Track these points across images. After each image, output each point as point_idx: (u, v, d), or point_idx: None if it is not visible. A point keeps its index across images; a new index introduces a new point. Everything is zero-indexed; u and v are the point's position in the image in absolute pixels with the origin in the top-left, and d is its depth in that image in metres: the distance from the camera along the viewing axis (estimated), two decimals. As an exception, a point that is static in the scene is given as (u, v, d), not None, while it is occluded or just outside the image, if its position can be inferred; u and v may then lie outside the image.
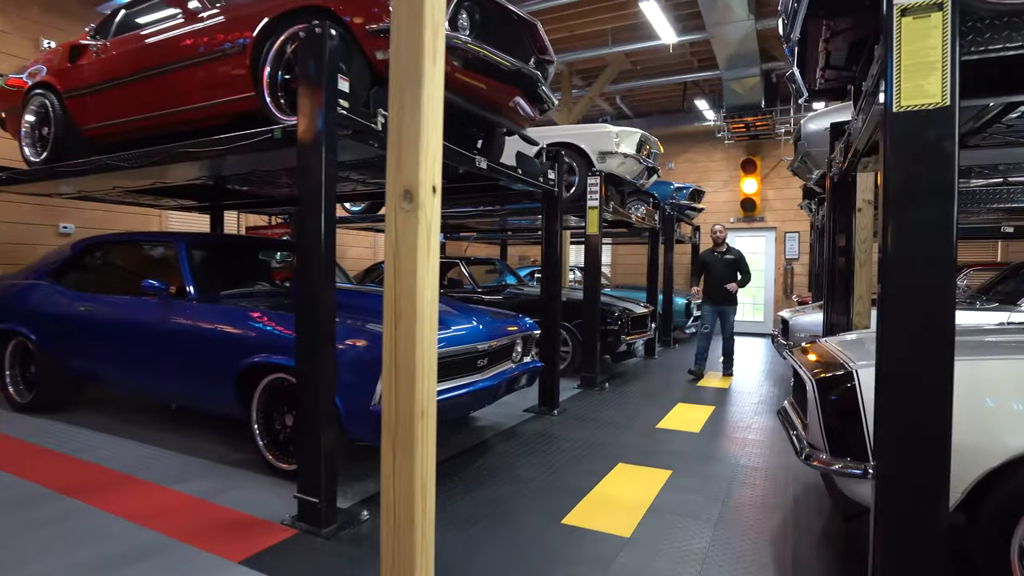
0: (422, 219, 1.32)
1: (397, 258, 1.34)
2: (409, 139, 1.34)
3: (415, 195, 1.31)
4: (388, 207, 1.38)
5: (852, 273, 4.33)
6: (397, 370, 1.35)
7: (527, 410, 5.26)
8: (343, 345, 3.18)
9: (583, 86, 10.74)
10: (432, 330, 1.39)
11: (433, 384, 1.41)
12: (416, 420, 1.33)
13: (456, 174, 4.45)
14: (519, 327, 4.49)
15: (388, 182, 1.37)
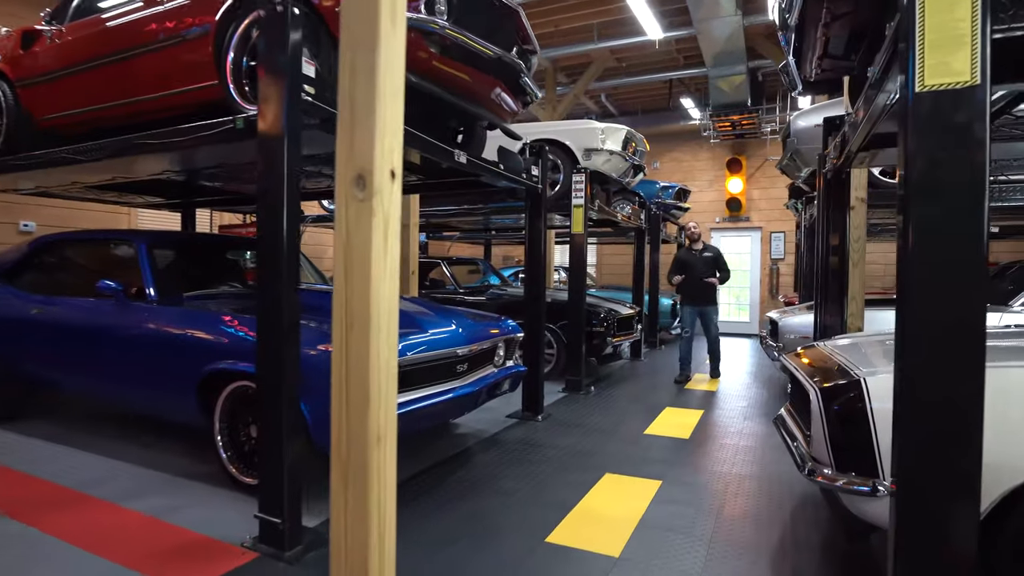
0: (378, 210, 1.11)
1: (348, 256, 1.13)
2: (362, 113, 1.13)
3: (369, 181, 1.10)
4: (338, 196, 1.17)
5: (846, 273, 4.18)
6: (348, 389, 1.14)
7: (510, 415, 5.06)
8: (312, 350, 2.96)
9: (568, 83, 10.56)
10: (391, 341, 1.18)
11: (392, 404, 1.20)
12: (371, 448, 1.12)
13: (437, 170, 4.25)
14: (501, 330, 4.29)
15: (338, 166, 1.17)
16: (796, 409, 2.70)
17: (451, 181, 4.59)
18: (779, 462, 3.93)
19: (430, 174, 4.45)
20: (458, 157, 3.75)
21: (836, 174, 4.10)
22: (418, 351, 3.26)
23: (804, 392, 2.41)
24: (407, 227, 6.09)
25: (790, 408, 2.86)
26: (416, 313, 3.81)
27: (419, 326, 3.50)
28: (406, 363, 3.14)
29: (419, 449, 4.06)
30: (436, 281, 8.03)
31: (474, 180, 4.47)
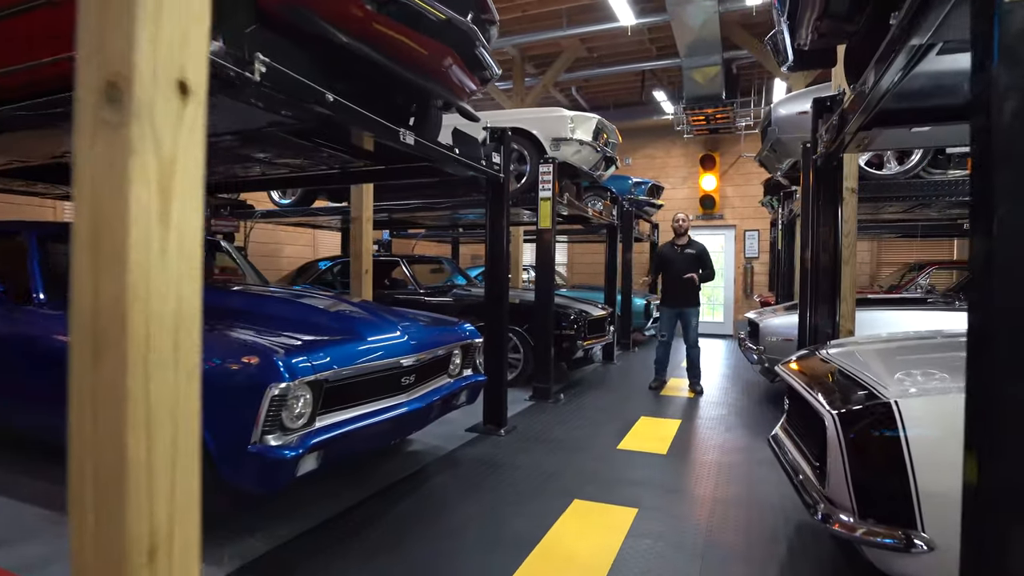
0: (142, 143, 0.62)
1: (95, 224, 0.64)
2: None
3: (127, 92, 0.61)
4: (77, 119, 0.66)
5: (838, 270, 3.79)
6: (95, 467, 0.64)
7: (471, 429, 4.56)
8: (218, 364, 2.43)
9: (536, 74, 10.11)
10: (190, 378, 0.69)
11: (193, 486, 0.70)
12: (136, 568, 0.62)
13: (389, 154, 3.75)
14: (458, 335, 3.79)
15: (78, 69, 0.66)
16: (798, 431, 2.26)
17: (402, 168, 4.07)
18: (768, 482, 3.51)
19: (380, 158, 3.93)
20: (404, 137, 3.24)
21: (827, 161, 3.71)
22: (351, 363, 2.74)
23: (809, 412, 1.98)
24: (359, 220, 5.55)
25: (788, 428, 2.42)
26: (356, 317, 3.29)
27: (355, 332, 2.98)
28: (334, 378, 2.62)
29: (362, 472, 3.54)
30: (398, 281, 7.49)
31: (427, 167, 3.96)
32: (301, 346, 2.60)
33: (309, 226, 9.44)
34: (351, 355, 2.78)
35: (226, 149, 3.58)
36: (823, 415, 1.75)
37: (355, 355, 2.80)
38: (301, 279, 7.95)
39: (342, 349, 2.78)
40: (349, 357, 2.76)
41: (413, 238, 12.02)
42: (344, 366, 2.69)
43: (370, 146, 3.58)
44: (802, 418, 2.19)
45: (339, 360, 2.69)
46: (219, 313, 3.20)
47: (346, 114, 2.79)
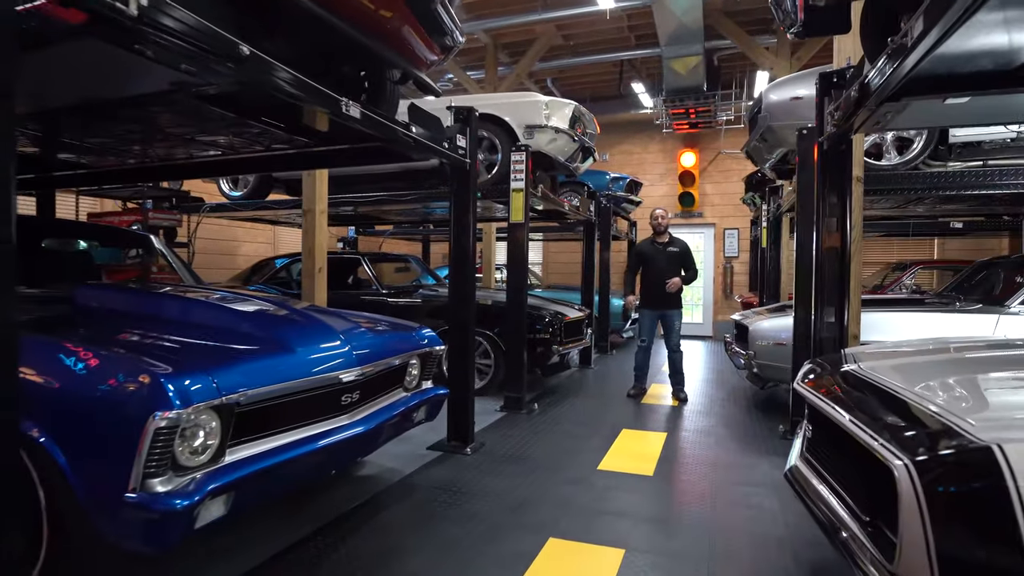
0: None
1: None
2: None
3: None
4: None
5: (846, 268, 3.36)
6: None
7: (433, 447, 4.04)
8: (87, 387, 1.88)
9: (510, 63, 9.61)
10: None
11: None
12: None
13: (340, 134, 3.23)
14: (414, 342, 3.28)
15: None
16: (831, 468, 1.79)
17: (351, 150, 3.53)
18: (768, 509, 3.06)
19: (324, 138, 3.39)
20: (346, 108, 2.71)
21: (836, 143, 3.28)
22: (273, 381, 2.20)
23: (853, 450, 1.51)
24: (312, 213, 5.00)
25: (813, 461, 1.96)
26: (289, 324, 2.76)
27: (284, 343, 2.44)
28: (249, 400, 2.09)
29: (299, 503, 3.00)
30: (363, 281, 6.91)
31: (381, 149, 3.44)
32: (205, 362, 2.06)
33: (267, 221, 8.80)
34: (274, 371, 2.25)
35: (132, 120, 3.01)
36: (889, 463, 1.28)
37: (279, 371, 2.27)
38: (256, 278, 7.34)
39: (262, 364, 2.24)
40: (271, 374, 2.22)
41: (381, 235, 11.45)
42: (263, 385, 2.15)
43: (312, 122, 3.03)
44: (837, 452, 1.73)
45: (257, 378, 2.15)
46: (117, 320, 2.64)
47: (267, 74, 2.25)
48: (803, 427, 2.54)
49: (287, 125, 3.05)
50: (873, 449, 1.36)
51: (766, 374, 5.28)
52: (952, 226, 8.26)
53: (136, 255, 4.57)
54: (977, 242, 10.68)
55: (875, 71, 2.37)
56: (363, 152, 3.64)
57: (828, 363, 2.34)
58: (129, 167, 3.97)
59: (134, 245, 4.27)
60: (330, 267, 6.99)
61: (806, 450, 2.06)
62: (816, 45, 7.88)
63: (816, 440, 1.94)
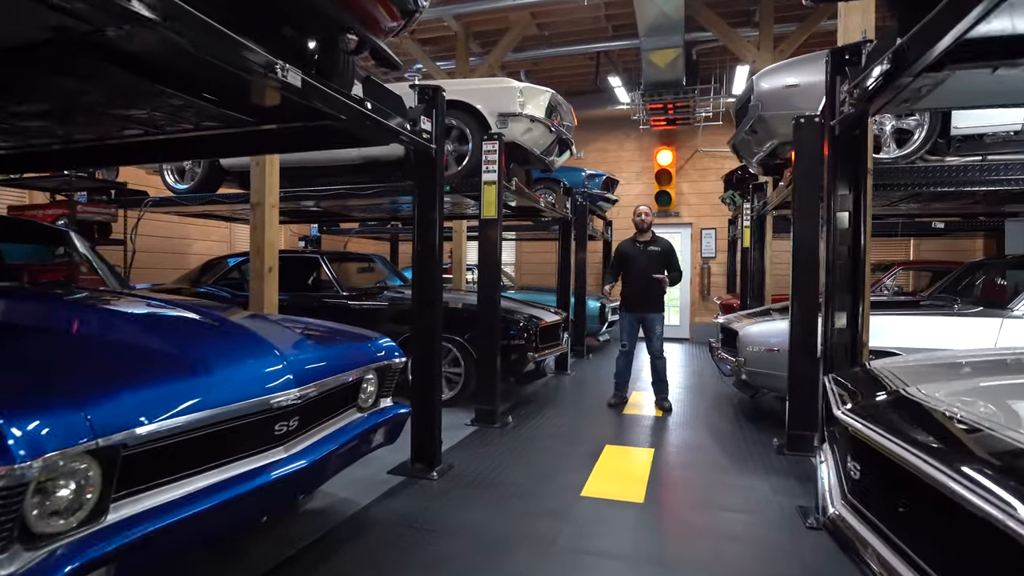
0: None
1: None
2: None
3: None
4: None
5: (861, 268, 3.00)
6: None
7: (395, 470, 3.57)
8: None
9: (482, 53, 9.16)
10: None
11: None
12: None
13: (283, 110, 2.75)
14: (370, 354, 2.80)
15: None
16: (898, 524, 1.38)
17: (297, 130, 3.03)
18: (781, 548, 2.67)
19: (262, 115, 2.89)
20: (284, 73, 2.23)
21: (849, 128, 2.91)
22: (177, 413, 1.71)
23: (935, 503, 1.11)
24: (261, 206, 4.49)
25: (866, 511, 1.55)
26: (211, 338, 2.26)
27: (198, 363, 1.95)
28: (140, 440, 1.60)
29: (233, 545, 2.51)
30: (323, 283, 6.38)
31: (330, 128, 2.96)
32: (79, 393, 1.56)
33: (221, 218, 8.18)
34: (181, 399, 1.75)
35: (32, 89, 2.48)
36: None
37: (189, 398, 1.78)
38: (206, 279, 6.75)
39: (165, 391, 1.75)
40: (176, 403, 1.73)
41: (346, 234, 10.90)
42: (164, 418, 1.66)
43: (241, 92, 2.53)
44: (911, 505, 1.32)
45: (155, 409, 1.66)
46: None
47: (175, 18, 1.76)
48: (829, 455, 2.15)
49: (214, 96, 2.55)
50: (1003, 526, 0.95)
51: (757, 382, 4.93)
52: (934, 226, 8.09)
53: (64, 254, 4.00)
54: (952, 243, 10.61)
55: (914, 36, 1.99)
56: (311, 134, 3.16)
57: (862, 383, 1.94)
58: (36, 149, 3.40)
59: (46, 241, 3.70)
60: (286, 268, 6.43)
61: (851, 493, 1.66)
62: (800, 38, 7.61)
63: (870, 484, 1.54)
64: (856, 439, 1.59)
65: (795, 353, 4.14)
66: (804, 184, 4.10)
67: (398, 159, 5.69)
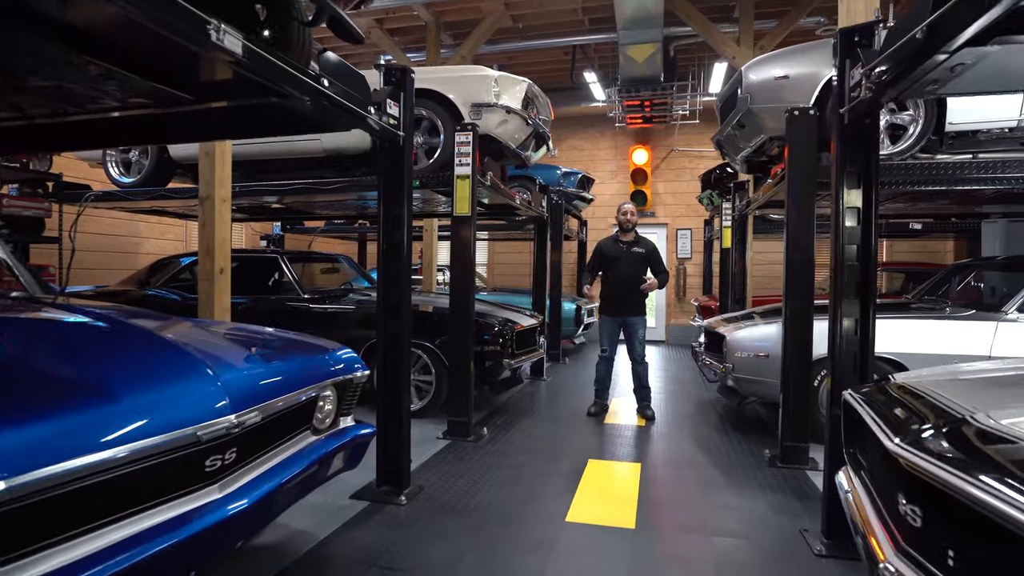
0: None
1: None
2: None
3: None
4: None
5: (871, 269, 2.74)
6: None
7: (358, 494, 3.21)
8: None
9: (453, 45, 8.80)
10: None
11: None
12: None
13: (226, 86, 2.38)
14: (326, 367, 2.44)
15: None
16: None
17: (238, 109, 2.65)
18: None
19: (199, 91, 2.50)
20: (219, 35, 1.85)
21: (860, 117, 2.65)
22: (59, 460, 1.33)
23: None
24: (211, 200, 4.07)
25: (933, 567, 1.26)
26: (117, 354, 1.88)
27: (100, 389, 1.56)
28: (16, 493, 1.22)
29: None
30: (285, 284, 5.94)
31: (281, 109, 2.58)
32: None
33: (175, 215, 7.65)
34: (73, 437, 1.38)
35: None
36: None
37: (85, 435, 1.40)
38: (155, 279, 6.26)
39: (50, 428, 1.37)
40: (66, 443, 1.35)
41: (310, 233, 10.42)
42: (46, 465, 1.29)
43: (168, 58, 2.14)
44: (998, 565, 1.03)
45: (34, 454, 1.28)
46: None
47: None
48: (858, 486, 1.88)
49: (139, 64, 2.16)
50: None
51: (745, 389, 4.69)
52: (912, 227, 8.01)
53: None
54: (923, 245, 10.62)
55: (961, 2, 1.72)
56: (262, 117, 2.78)
57: (907, 406, 1.66)
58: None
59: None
60: (242, 268, 6.01)
61: (907, 542, 1.37)
62: (780, 35, 7.44)
63: (945, 538, 1.24)
64: (918, 478, 1.30)
65: (788, 360, 3.90)
66: (798, 180, 3.86)
67: (364, 152, 5.31)
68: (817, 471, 3.73)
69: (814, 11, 7.71)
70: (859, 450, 2.04)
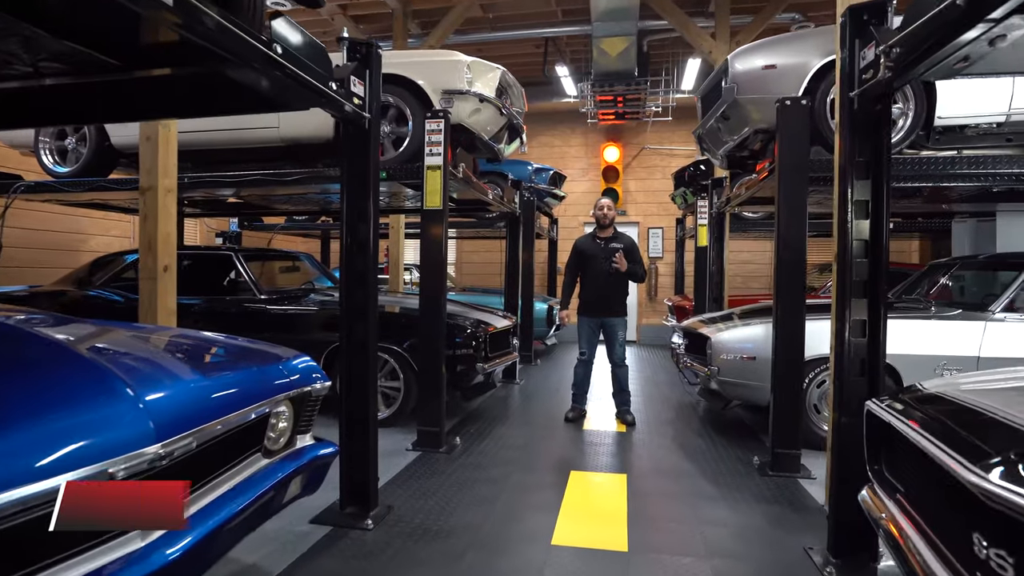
0: None
1: None
2: None
3: None
4: None
5: (881, 269, 2.54)
6: None
7: (319, 518, 2.87)
8: None
9: (421, 34, 8.45)
10: None
11: None
12: None
13: (157, 50, 2.03)
14: (279, 379, 2.11)
15: None
16: None
17: (180, 79, 2.29)
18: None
19: (141, 58, 2.14)
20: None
21: (871, 102, 2.44)
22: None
23: None
24: (153, 190, 3.68)
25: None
26: (8, 374, 1.52)
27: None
28: None
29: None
30: (240, 285, 5.50)
31: (228, 83, 2.23)
32: None
33: (121, 209, 7.09)
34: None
35: None
36: None
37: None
38: (97, 278, 5.77)
39: None
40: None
41: (270, 230, 9.93)
42: None
43: (111, 17, 1.79)
44: None
45: None
46: None
47: None
48: (899, 516, 1.65)
49: (49, 23, 1.79)
50: None
51: (730, 393, 4.49)
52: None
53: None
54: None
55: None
56: (205, 89, 2.42)
57: (972, 426, 1.43)
58: None
59: None
60: (195, 267, 5.59)
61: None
62: (756, 29, 7.31)
63: None
64: (1013, 520, 1.06)
65: (779, 363, 3.70)
66: (789, 173, 3.66)
67: (327, 142, 4.94)
68: (810, 479, 3.55)
69: (789, 7, 7.62)
70: (891, 468, 1.82)
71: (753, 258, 11.03)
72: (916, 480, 1.59)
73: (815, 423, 4.10)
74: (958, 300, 5.01)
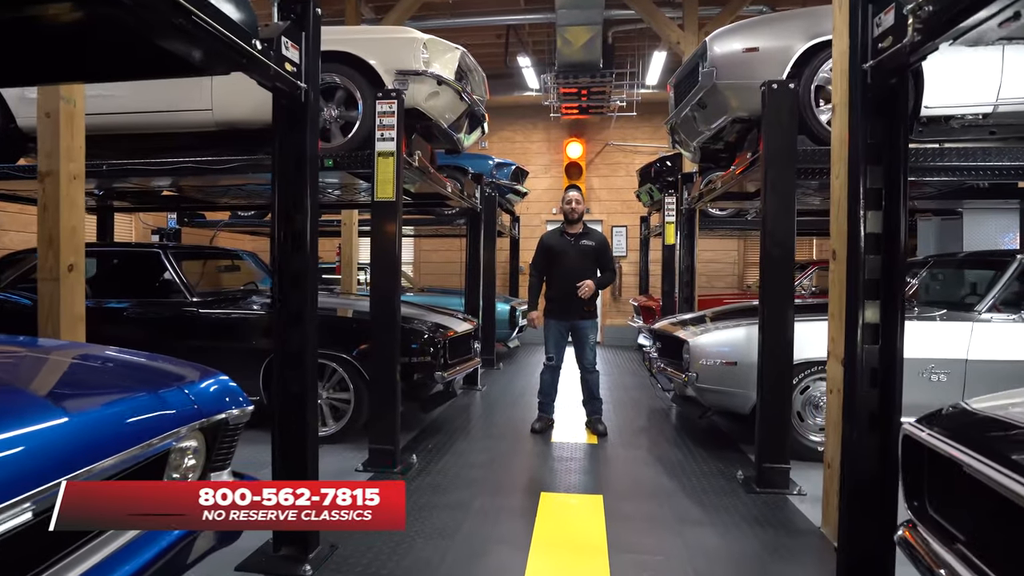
0: None
1: None
2: None
3: None
4: None
5: (900, 266, 2.24)
6: None
7: (244, 566, 2.42)
8: None
9: (375, 19, 7.96)
10: None
11: None
12: None
13: None
14: (186, 406, 1.67)
15: None
16: None
17: (53, 29, 1.83)
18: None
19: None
20: None
21: (885, 77, 2.14)
22: None
23: None
24: (54, 176, 3.17)
25: None
26: None
27: None
28: None
29: None
30: (172, 286, 4.90)
31: (111, 26, 1.77)
32: None
33: (32, 201, 6.38)
34: None
35: None
36: None
37: None
38: (5, 277, 5.13)
39: None
40: None
41: (213, 227, 9.25)
42: None
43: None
44: None
45: None
46: None
47: None
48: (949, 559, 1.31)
49: None
50: None
51: (709, 400, 4.18)
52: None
53: None
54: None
55: None
56: (102, 48, 1.96)
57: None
58: None
59: None
60: (118, 266, 5.04)
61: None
62: (724, 21, 7.09)
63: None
64: None
65: (766, 370, 3.41)
66: (778, 163, 3.37)
67: (267, 126, 4.44)
68: (801, 497, 3.26)
69: (755, 1, 7.45)
70: (944, 508, 1.49)
71: (717, 257, 10.90)
72: (993, 530, 1.26)
73: (799, 432, 3.85)
74: (938, 299, 4.84)
